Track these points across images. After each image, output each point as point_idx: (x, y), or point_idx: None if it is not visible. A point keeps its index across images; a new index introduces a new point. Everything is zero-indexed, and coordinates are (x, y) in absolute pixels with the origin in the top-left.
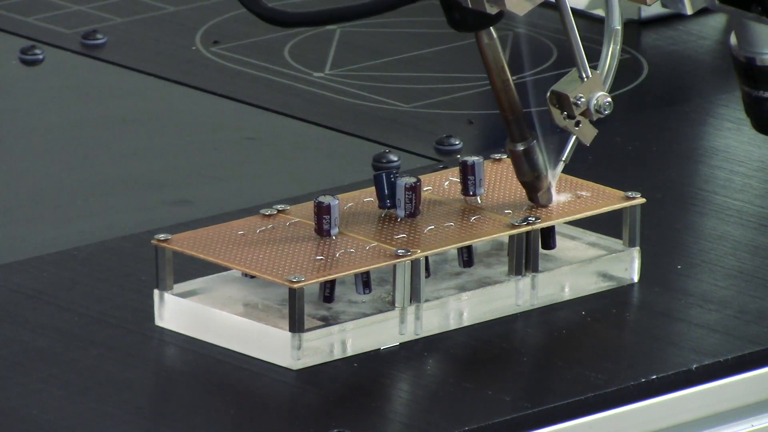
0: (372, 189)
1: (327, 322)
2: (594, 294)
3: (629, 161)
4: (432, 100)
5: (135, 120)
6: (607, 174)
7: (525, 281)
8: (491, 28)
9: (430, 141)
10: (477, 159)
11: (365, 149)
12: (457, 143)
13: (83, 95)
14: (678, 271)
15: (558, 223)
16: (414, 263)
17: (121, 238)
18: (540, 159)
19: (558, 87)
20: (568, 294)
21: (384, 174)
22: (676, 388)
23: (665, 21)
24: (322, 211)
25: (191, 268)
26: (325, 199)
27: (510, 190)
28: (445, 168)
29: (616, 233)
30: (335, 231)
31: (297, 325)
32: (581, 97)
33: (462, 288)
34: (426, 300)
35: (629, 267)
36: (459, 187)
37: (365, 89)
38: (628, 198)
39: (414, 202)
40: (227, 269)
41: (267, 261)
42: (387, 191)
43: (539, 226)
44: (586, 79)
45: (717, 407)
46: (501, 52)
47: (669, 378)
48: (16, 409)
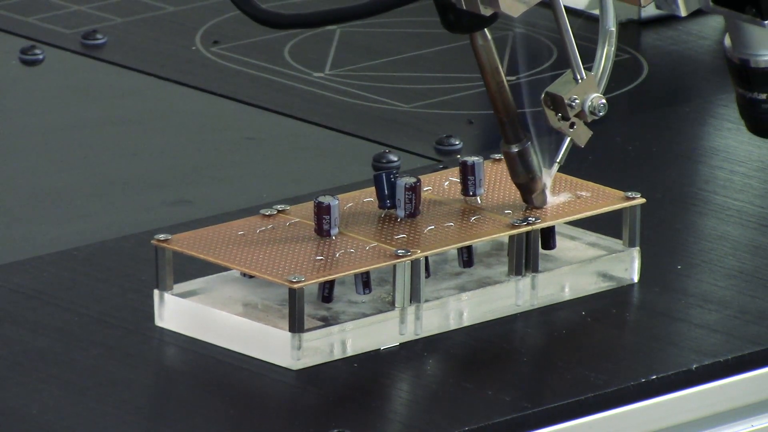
0: (372, 189)
1: (327, 322)
2: (594, 294)
3: (629, 161)
4: (432, 100)
5: (135, 120)
6: (607, 174)
7: (525, 281)
8: (486, 29)
9: (430, 141)
10: (477, 159)
11: (365, 149)
12: (457, 143)
13: (83, 95)
14: (678, 271)
15: (558, 223)
16: (414, 263)
17: (121, 238)
18: (534, 160)
19: (552, 88)
20: (568, 294)
21: (384, 174)
22: (676, 388)
23: (665, 21)
24: (322, 211)
25: (191, 268)
26: (325, 199)
27: (510, 190)
28: (445, 168)
29: (616, 233)
30: (335, 231)
31: (297, 325)
32: (576, 99)
33: (462, 288)
34: (426, 300)
35: (629, 267)
36: (459, 187)
37: (365, 89)
38: (628, 198)
39: (414, 202)
40: (227, 269)
41: (267, 261)
42: (387, 191)
43: (539, 226)
44: (580, 81)
45: (717, 407)
46: (495, 53)
47: (669, 378)
48: (16, 409)
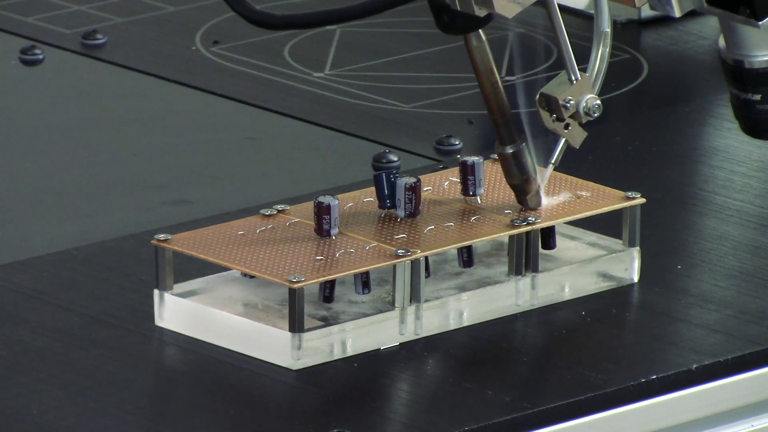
0: (372, 189)
1: (327, 322)
2: (594, 294)
3: (629, 161)
4: (432, 100)
5: (135, 120)
6: (607, 174)
7: (525, 281)
8: (480, 30)
9: (430, 141)
10: (477, 159)
11: (365, 149)
12: (457, 143)
13: (83, 95)
14: (678, 271)
15: (558, 223)
16: (414, 263)
17: (121, 238)
18: (529, 162)
19: (547, 89)
20: (568, 294)
21: (384, 174)
22: (676, 388)
23: (665, 21)
24: (322, 211)
25: (191, 268)
26: (325, 199)
27: (510, 190)
28: (445, 168)
29: (616, 233)
30: (335, 231)
31: (297, 325)
32: (570, 100)
33: (462, 288)
34: (426, 300)
35: (629, 267)
36: (459, 187)
37: (365, 89)
38: (628, 198)
39: (414, 202)
40: (227, 269)
41: (267, 261)
42: (387, 191)
43: (539, 226)
44: (575, 82)
45: (717, 407)
46: (490, 54)
47: (669, 378)
48: (16, 409)
